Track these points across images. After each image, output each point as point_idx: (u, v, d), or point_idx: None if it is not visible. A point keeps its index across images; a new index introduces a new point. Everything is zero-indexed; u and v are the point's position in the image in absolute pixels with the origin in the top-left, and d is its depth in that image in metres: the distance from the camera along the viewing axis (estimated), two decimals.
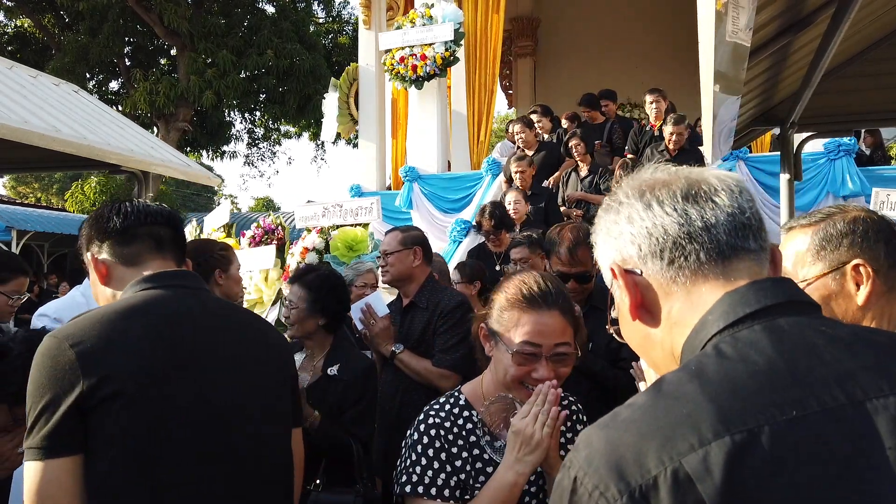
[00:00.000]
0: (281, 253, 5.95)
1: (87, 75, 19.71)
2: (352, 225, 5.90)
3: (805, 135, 4.28)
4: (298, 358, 2.69)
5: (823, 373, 0.72)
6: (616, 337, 0.97)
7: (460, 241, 6.76)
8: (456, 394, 1.66)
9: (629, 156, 6.67)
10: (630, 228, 0.87)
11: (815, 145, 5.64)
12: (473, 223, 6.71)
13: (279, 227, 6.17)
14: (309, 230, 6.03)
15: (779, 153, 3.99)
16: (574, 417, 1.72)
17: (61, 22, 19.89)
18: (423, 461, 1.51)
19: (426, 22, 7.52)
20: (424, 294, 2.94)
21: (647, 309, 0.87)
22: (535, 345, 1.50)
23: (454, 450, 1.54)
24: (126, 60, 20.25)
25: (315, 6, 22.43)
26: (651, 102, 6.54)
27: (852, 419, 0.69)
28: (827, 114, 3.78)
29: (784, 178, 3.93)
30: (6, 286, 2.70)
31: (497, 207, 4.92)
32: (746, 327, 0.77)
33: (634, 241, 0.86)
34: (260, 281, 5.58)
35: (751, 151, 6.78)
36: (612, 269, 0.89)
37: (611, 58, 11.91)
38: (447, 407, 1.62)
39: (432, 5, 7.54)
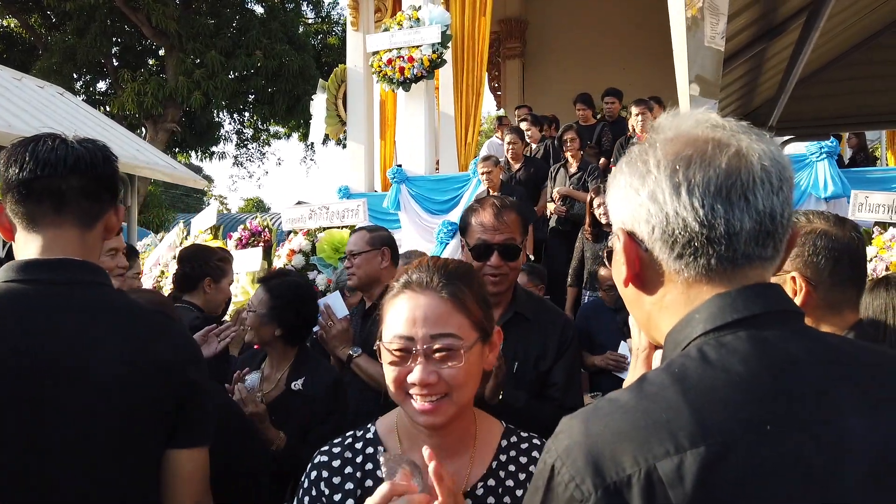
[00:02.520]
0: (268, 255, 5.96)
1: (75, 76, 19.59)
2: (338, 227, 5.92)
3: (783, 138, 4.34)
4: (256, 376, 2.52)
5: (803, 388, 0.73)
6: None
7: (447, 243, 6.78)
8: (369, 426, 1.35)
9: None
10: (650, 206, 0.82)
11: (798, 147, 5.71)
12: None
13: (266, 230, 6.18)
14: (296, 232, 6.04)
15: None
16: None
17: (48, 22, 19.75)
18: (306, 501, 1.28)
19: (413, 24, 7.53)
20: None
21: (642, 282, 0.87)
22: (406, 337, 1.16)
23: (337, 497, 1.26)
24: (114, 61, 20.13)
25: (304, 7, 22.40)
26: (637, 114, 6.20)
27: (827, 437, 0.71)
28: (804, 118, 3.85)
29: None
30: None
31: None
32: (732, 333, 0.77)
33: (650, 221, 0.82)
34: (247, 283, 5.59)
35: None
36: (620, 232, 0.87)
37: (599, 59, 11.97)
38: (348, 441, 1.33)
39: (419, 7, 7.56)
